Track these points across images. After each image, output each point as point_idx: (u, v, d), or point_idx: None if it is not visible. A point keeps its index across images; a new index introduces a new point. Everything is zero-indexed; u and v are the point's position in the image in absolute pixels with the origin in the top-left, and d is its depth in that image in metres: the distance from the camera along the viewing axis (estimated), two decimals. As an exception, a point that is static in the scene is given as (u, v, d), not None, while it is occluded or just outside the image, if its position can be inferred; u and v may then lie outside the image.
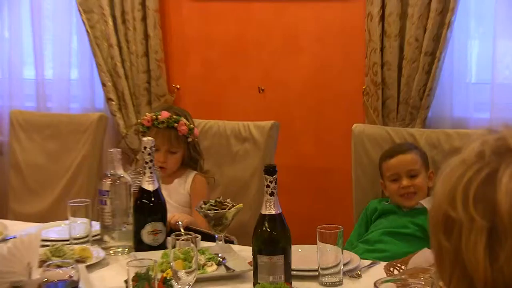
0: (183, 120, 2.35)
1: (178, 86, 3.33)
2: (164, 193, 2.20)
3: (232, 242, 2.13)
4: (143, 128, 2.36)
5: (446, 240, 0.79)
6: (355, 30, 2.94)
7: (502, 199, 0.75)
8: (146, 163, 1.91)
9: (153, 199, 1.92)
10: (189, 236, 1.61)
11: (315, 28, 3.04)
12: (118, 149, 1.96)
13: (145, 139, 1.91)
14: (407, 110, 2.81)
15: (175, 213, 2.22)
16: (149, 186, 1.92)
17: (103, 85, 3.33)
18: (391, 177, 2.28)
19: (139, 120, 2.40)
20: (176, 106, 2.50)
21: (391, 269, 1.67)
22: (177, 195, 2.40)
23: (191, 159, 2.43)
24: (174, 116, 2.34)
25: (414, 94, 2.77)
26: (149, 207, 1.92)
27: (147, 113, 2.39)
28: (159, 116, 2.33)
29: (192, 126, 2.37)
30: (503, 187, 0.75)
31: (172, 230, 2.02)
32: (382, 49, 2.81)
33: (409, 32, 2.75)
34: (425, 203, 2.20)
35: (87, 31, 3.31)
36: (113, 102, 3.33)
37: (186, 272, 1.57)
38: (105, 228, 1.96)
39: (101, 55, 3.32)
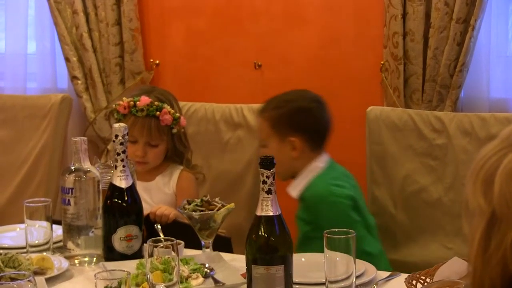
0: (167, 107, 2.34)
1: (157, 62, 3.32)
2: (144, 192, 2.20)
3: (228, 240, 2.13)
4: (118, 115, 2.36)
5: (466, 225, 0.85)
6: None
7: (497, 180, 0.80)
8: (118, 154, 1.90)
9: (126, 198, 1.92)
10: (169, 243, 1.60)
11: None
12: (84, 138, 1.96)
13: (116, 125, 1.91)
14: (435, 89, 2.80)
15: (161, 205, 2.22)
16: (122, 183, 1.92)
17: (67, 60, 3.32)
18: None
19: (114, 105, 2.40)
20: (159, 88, 2.49)
21: (414, 282, 1.68)
22: (160, 195, 2.40)
23: (175, 152, 2.43)
24: (156, 103, 2.33)
25: (443, 70, 2.77)
26: (121, 207, 1.92)
27: (124, 98, 2.39)
28: (137, 102, 2.32)
29: (177, 114, 2.37)
30: (503, 166, 0.80)
31: (152, 228, 2.03)
32: (404, 16, 2.80)
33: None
34: (292, 189, 2.23)
35: (47, -5, 3.29)
36: (79, 81, 3.33)
37: (166, 286, 1.57)
38: (68, 233, 1.96)
39: (63, 24, 3.31)
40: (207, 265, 1.83)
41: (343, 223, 2.11)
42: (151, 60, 3.32)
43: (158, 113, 2.33)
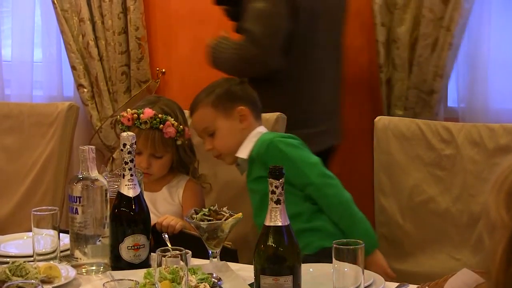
0: (170, 120, 2.35)
1: (163, 70, 3.33)
2: (150, 203, 2.20)
3: (234, 252, 2.13)
4: (122, 127, 2.37)
5: (487, 237, 0.84)
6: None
7: None
8: (126, 163, 1.91)
9: (134, 207, 1.92)
10: (178, 252, 1.60)
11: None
12: (92, 147, 1.96)
13: (124, 134, 1.91)
14: (419, 96, 2.82)
15: (168, 215, 2.23)
16: (129, 191, 1.92)
17: (73, 68, 3.33)
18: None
19: (118, 117, 2.41)
20: (165, 99, 2.50)
21: (423, 293, 1.67)
22: (166, 205, 2.40)
23: (181, 163, 2.43)
24: (160, 115, 2.34)
25: (428, 77, 2.78)
26: (129, 216, 1.92)
27: (128, 109, 2.39)
28: (141, 115, 2.33)
29: (181, 127, 2.37)
30: None
31: (159, 238, 2.03)
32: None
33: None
34: (241, 153, 2.27)
35: (54, 3, 3.30)
36: (85, 89, 3.33)
37: (174, 296, 1.56)
38: (76, 242, 1.96)
39: (70, 32, 3.32)
40: (214, 275, 1.83)
41: (304, 157, 2.18)
42: (158, 68, 3.33)
43: (161, 126, 2.33)
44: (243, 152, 2.28)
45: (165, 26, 3.33)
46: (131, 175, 1.91)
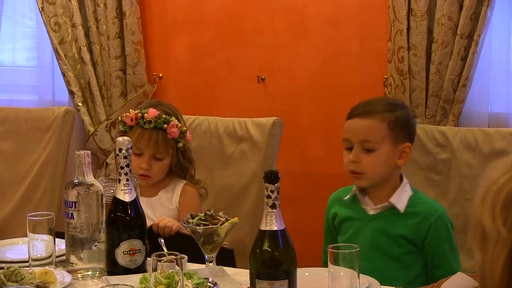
0: (174, 121, 2.35)
1: (160, 75, 3.33)
2: (146, 208, 2.20)
3: (231, 252, 2.13)
4: (125, 127, 2.36)
5: (479, 251, 0.82)
6: (375, 8, 2.95)
7: None
8: (122, 168, 1.91)
9: (129, 212, 1.92)
10: (173, 257, 1.61)
11: (326, 6, 3.04)
12: (88, 152, 1.96)
13: (120, 139, 1.91)
14: (438, 104, 2.81)
15: (164, 217, 2.22)
16: (125, 196, 1.92)
17: (63, 75, 3.32)
18: (345, 144, 2.12)
19: (120, 117, 2.40)
20: (165, 103, 2.51)
21: (418, 297, 1.67)
22: (163, 210, 2.40)
23: (179, 167, 2.43)
24: (164, 116, 2.34)
25: (447, 85, 2.77)
26: (125, 221, 1.92)
27: (130, 110, 2.39)
28: (145, 114, 2.33)
29: (184, 128, 2.38)
30: None
31: (155, 242, 2.03)
32: (408, 30, 2.81)
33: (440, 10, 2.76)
34: (397, 201, 2.07)
35: (41, 10, 3.28)
36: (75, 95, 3.32)
37: (170, 300, 1.57)
38: (71, 247, 1.96)
39: (60, 37, 3.30)
40: (210, 280, 1.83)
41: (455, 247, 2.07)
42: (154, 73, 3.33)
43: (165, 125, 2.33)
44: (399, 203, 2.07)
45: (162, 30, 3.34)
46: (127, 180, 1.91)
